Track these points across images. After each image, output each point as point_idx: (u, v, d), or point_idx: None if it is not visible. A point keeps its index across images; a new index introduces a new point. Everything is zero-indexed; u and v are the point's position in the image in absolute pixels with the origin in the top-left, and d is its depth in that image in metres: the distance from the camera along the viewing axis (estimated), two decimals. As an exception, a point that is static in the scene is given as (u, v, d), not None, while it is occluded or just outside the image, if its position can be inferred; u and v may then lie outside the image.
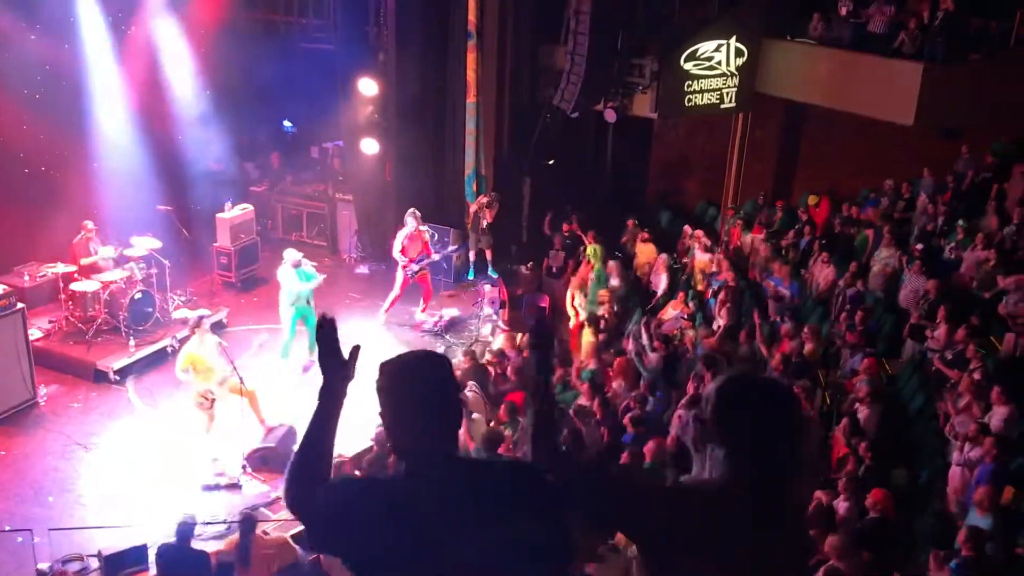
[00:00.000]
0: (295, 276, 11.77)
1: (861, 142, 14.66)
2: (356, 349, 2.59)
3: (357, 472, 8.38)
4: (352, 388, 2.58)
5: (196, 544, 7.96)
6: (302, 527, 7.95)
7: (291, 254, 11.97)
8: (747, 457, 2.38)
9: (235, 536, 8.06)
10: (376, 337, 13.10)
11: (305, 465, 2.50)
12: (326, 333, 2.55)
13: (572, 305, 13.07)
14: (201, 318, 10.21)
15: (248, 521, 8.00)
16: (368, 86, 14.60)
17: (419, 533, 2.33)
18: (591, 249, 13.41)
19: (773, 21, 14.67)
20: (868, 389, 9.10)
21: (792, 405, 2.50)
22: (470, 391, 9.91)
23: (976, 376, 8.98)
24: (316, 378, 2.58)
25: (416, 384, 2.48)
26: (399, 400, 2.47)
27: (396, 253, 13.19)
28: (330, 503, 2.43)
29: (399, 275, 13.33)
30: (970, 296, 11.24)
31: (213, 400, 9.86)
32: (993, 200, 12.76)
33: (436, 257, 13.60)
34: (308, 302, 11.94)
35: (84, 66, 13.28)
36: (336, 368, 2.54)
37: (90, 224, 12.66)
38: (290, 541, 8.14)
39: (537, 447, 2.57)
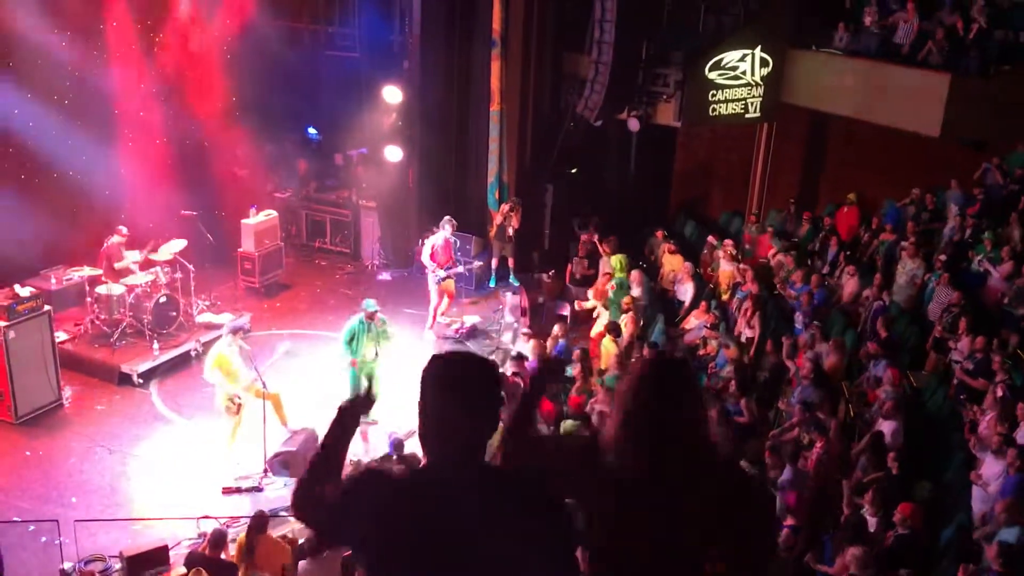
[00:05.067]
0: (360, 331, 10.56)
1: (884, 152, 14.57)
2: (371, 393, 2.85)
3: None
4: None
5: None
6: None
7: (369, 304, 10.73)
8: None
9: (242, 536, 8.07)
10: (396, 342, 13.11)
11: (316, 475, 2.56)
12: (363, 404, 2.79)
13: (593, 314, 13.07)
14: (242, 325, 10.06)
15: (259, 518, 8.02)
16: (392, 94, 14.66)
17: (428, 529, 2.33)
18: (615, 259, 13.39)
19: (798, 31, 14.65)
20: (892, 401, 9.01)
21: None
22: None
23: (999, 391, 8.87)
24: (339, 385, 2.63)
25: (460, 386, 2.45)
26: (438, 397, 2.45)
27: (425, 259, 13.14)
28: (344, 491, 2.47)
29: (432, 285, 13.21)
30: (1000, 311, 11.09)
31: (240, 405, 9.93)
32: (1016, 212, 12.59)
33: (461, 268, 13.56)
34: (375, 355, 10.68)
35: (112, 72, 13.42)
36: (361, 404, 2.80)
37: (124, 229, 12.74)
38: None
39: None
